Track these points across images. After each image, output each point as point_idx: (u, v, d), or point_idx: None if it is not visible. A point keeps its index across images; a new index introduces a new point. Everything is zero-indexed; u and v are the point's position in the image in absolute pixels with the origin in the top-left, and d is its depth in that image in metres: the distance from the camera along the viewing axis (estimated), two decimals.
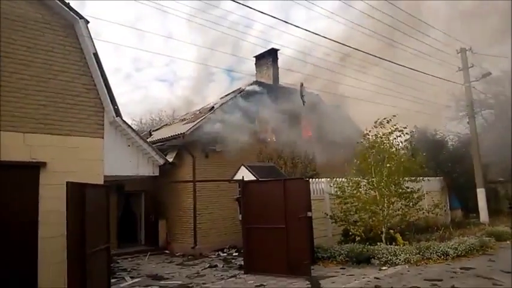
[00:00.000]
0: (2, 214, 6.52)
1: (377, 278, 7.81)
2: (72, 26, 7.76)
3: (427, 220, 12.25)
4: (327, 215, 11.36)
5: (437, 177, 16.53)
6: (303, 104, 15.85)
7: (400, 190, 10.51)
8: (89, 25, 7.86)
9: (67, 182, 5.94)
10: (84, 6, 45.48)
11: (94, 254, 6.48)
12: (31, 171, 7.01)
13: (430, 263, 9.00)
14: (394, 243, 9.90)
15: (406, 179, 10.67)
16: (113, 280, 8.33)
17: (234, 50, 47.87)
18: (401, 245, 9.69)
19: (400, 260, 8.93)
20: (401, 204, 10.67)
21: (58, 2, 7.47)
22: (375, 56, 13.10)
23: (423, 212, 11.29)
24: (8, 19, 7.03)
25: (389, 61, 13.52)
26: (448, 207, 16.34)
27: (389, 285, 7.20)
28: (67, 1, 7.60)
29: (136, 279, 9.07)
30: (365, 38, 16.48)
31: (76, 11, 7.68)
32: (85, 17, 7.79)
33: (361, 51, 12.62)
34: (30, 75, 7.21)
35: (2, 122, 6.77)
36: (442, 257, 9.21)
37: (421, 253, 9.27)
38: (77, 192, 6.08)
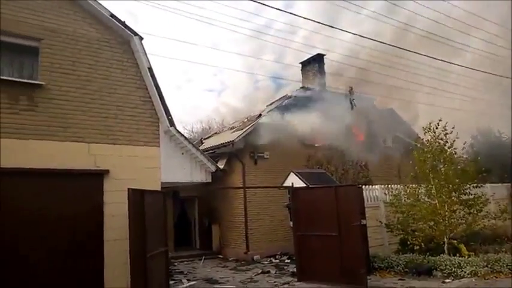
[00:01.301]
0: (71, 219, 7.09)
1: None
2: (128, 43, 8.30)
3: (495, 230, 11.21)
4: (381, 222, 10.88)
5: (504, 184, 15.16)
6: (352, 108, 15.41)
7: (462, 197, 9.75)
8: (142, 41, 8.34)
9: (128, 189, 6.32)
10: (137, 23, 48.45)
11: (154, 257, 6.80)
12: (96, 178, 7.57)
13: (501, 277, 8.22)
14: (457, 255, 9.22)
15: (468, 184, 9.86)
16: (171, 282, 8.66)
17: (279, 57, 47.95)
18: (466, 257, 8.99)
19: (465, 272, 8.29)
20: (463, 212, 9.88)
21: (115, 21, 8.02)
22: (428, 56, 12.38)
23: (489, 220, 10.37)
24: (73, 39, 7.70)
25: (446, 61, 12.70)
26: None
27: None
28: (122, 19, 8.13)
29: (192, 282, 9.36)
30: (416, 38, 15.69)
31: (131, 29, 8.19)
32: (138, 33, 8.27)
33: (412, 51, 12.02)
34: (93, 90, 7.82)
35: (69, 133, 7.40)
36: None
37: (489, 266, 8.52)
38: (137, 198, 6.45)
